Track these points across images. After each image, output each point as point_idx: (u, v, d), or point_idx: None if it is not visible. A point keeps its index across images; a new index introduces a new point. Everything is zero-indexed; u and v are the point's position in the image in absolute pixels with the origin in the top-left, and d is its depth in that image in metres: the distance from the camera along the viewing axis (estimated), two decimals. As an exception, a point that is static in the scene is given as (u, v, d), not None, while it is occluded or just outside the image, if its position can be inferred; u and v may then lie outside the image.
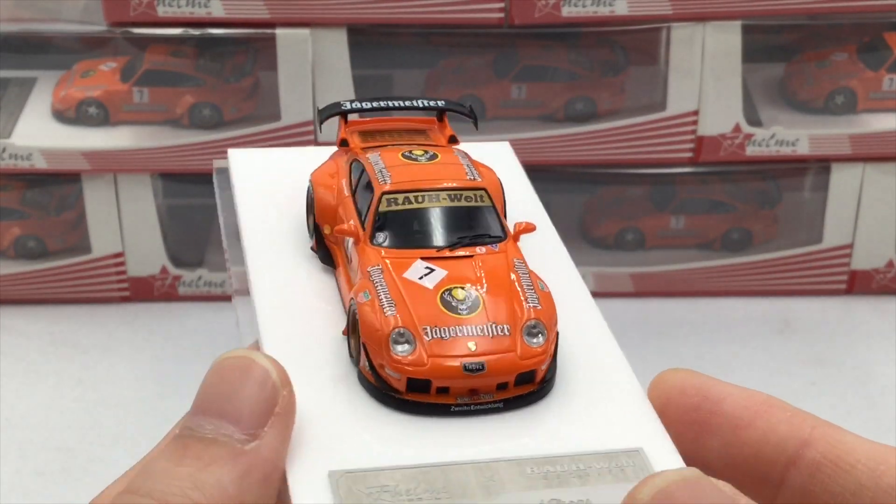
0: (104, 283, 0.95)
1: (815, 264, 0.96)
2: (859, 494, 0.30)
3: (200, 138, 0.91)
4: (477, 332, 0.31)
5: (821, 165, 0.94)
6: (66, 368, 0.87)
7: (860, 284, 0.96)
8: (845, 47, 0.95)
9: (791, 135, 0.92)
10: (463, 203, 0.34)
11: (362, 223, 0.35)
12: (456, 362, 0.31)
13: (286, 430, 0.30)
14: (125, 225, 0.93)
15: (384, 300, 0.32)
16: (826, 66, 0.95)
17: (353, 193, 0.37)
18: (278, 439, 0.30)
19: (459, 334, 0.31)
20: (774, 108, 0.95)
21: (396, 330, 0.31)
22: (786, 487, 0.31)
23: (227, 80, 0.92)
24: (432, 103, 0.39)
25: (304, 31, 0.87)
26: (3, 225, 0.94)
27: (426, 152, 0.37)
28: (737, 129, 0.91)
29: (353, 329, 0.33)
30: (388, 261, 0.33)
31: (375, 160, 0.36)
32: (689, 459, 0.31)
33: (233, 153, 0.47)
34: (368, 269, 0.33)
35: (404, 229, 0.34)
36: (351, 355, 0.33)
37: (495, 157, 0.42)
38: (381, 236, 0.34)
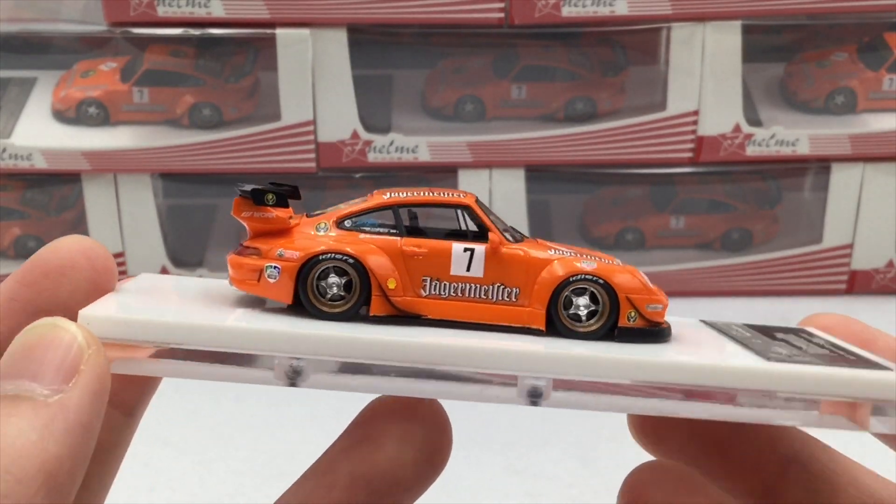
0: (104, 283, 0.95)
1: (815, 264, 0.96)
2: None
3: (200, 138, 0.91)
4: None
5: (821, 165, 0.94)
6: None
7: (860, 284, 0.96)
8: (845, 47, 0.95)
9: (791, 135, 0.92)
10: None
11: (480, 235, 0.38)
12: None
13: (95, 385, 0.30)
14: (125, 225, 0.94)
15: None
16: (826, 66, 0.95)
17: (418, 232, 0.38)
18: (84, 393, 0.30)
19: None
20: (774, 108, 0.95)
21: None
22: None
23: (227, 80, 0.92)
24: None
25: (304, 31, 0.87)
26: (3, 225, 0.94)
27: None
28: (737, 129, 0.91)
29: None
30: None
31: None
32: None
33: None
34: (549, 251, 0.38)
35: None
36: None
37: None
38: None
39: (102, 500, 0.35)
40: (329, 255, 0.37)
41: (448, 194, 0.38)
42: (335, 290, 0.36)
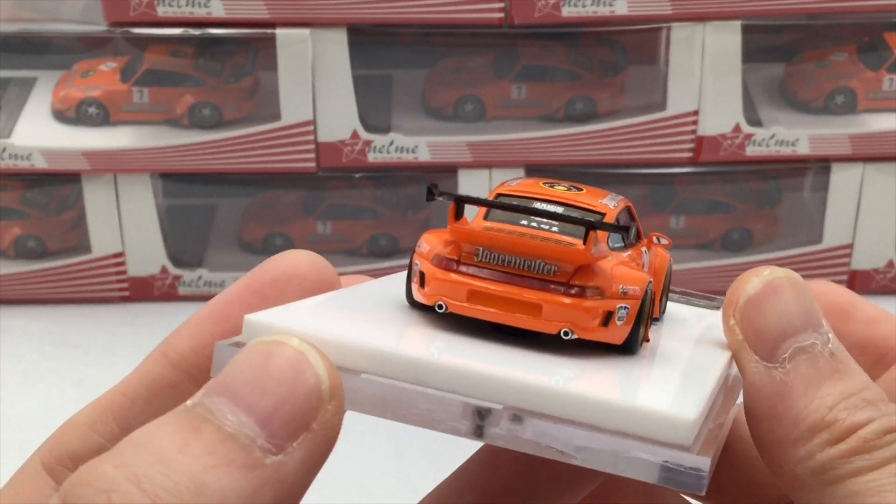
0: (104, 283, 0.95)
1: (815, 264, 0.96)
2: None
3: (200, 138, 0.91)
4: None
5: (821, 165, 0.94)
6: (66, 368, 0.87)
7: (860, 284, 0.96)
8: (845, 47, 0.95)
9: (791, 135, 0.92)
10: None
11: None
12: None
13: (319, 453, 0.25)
14: (125, 225, 0.94)
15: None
16: (826, 66, 0.95)
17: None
18: (305, 460, 0.24)
19: None
20: (774, 108, 0.95)
21: None
22: None
23: (227, 80, 0.92)
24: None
25: (304, 31, 0.87)
26: (3, 225, 0.94)
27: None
28: (737, 129, 0.91)
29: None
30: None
31: None
32: None
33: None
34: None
35: None
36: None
37: None
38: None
39: None
40: (649, 285, 0.32)
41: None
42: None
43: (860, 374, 0.30)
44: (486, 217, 0.32)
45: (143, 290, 0.96)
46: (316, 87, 0.90)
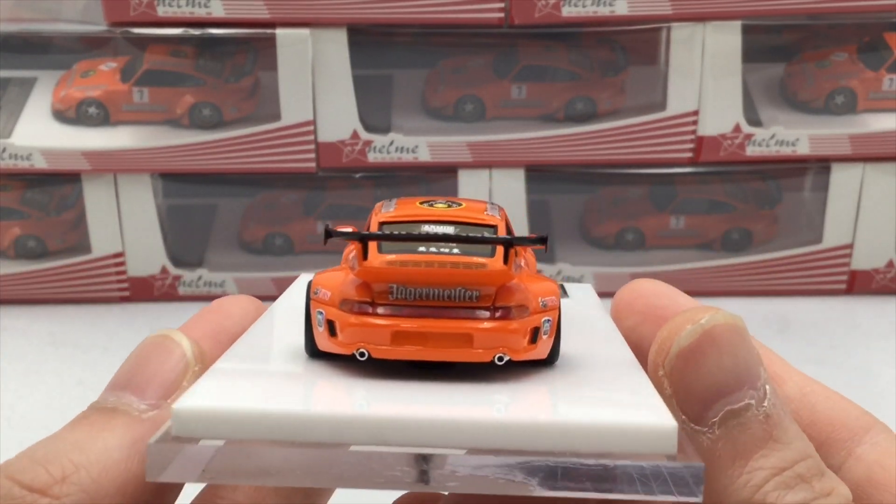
0: (104, 283, 0.95)
1: (815, 264, 0.96)
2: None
3: (200, 138, 0.91)
4: None
5: (821, 165, 0.94)
6: (66, 368, 0.87)
7: (860, 284, 0.96)
8: (845, 47, 0.95)
9: (791, 135, 0.92)
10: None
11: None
12: None
13: None
14: (125, 225, 0.94)
15: None
16: (826, 66, 0.95)
17: None
18: None
19: None
20: (774, 108, 0.95)
21: None
22: None
23: (227, 80, 0.92)
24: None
25: (304, 31, 0.87)
26: (3, 225, 0.94)
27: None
28: (737, 129, 0.91)
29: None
30: None
31: None
32: (644, 350, 0.33)
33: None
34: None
35: None
36: None
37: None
38: None
39: None
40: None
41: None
42: None
43: (797, 440, 0.27)
44: (379, 250, 0.30)
45: (143, 290, 0.96)
46: (316, 87, 0.90)
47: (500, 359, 0.29)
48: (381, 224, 0.31)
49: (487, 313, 0.29)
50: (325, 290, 0.30)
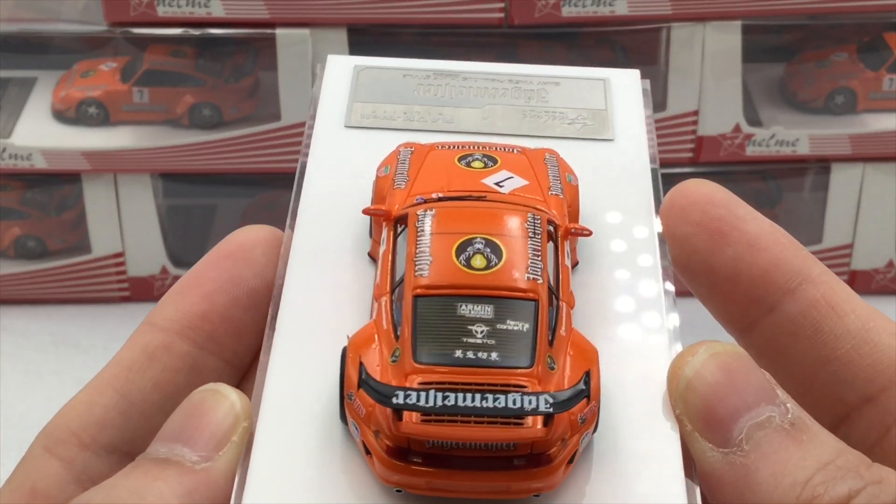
0: (104, 283, 0.95)
1: (815, 264, 0.96)
2: (842, 339, 0.31)
3: (200, 138, 0.91)
4: None
5: (821, 165, 0.94)
6: (66, 368, 0.87)
7: (860, 284, 0.96)
8: (845, 47, 0.95)
9: (791, 135, 0.92)
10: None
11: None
12: None
13: (240, 460, 0.30)
14: (125, 225, 0.94)
15: None
16: (826, 66, 0.95)
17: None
18: (232, 466, 0.29)
19: None
20: (774, 108, 0.95)
21: None
22: (777, 312, 0.32)
23: (227, 80, 0.92)
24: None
25: (304, 31, 0.87)
26: (3, 225, 0.94)
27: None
28: (737, 129, 0.91)
29: None
30: None
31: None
32: (699, 264, 0.33)
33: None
34: None
35: None
36: None
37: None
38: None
39: None
40: None
41: None
42: None
43: (830, 440, 0.27)
44: (414, 357, 0.28)
45: (143, 290, 0.96)
46: (316, 87, 0.90)
47: (537, 496, 0.28)
48: (415, 296, 0.29)
49: (524, 461, 0.28)
50: (360, 402, 0.29)
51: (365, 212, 0.33)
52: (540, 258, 0.30)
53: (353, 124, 0.38)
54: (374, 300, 0.31)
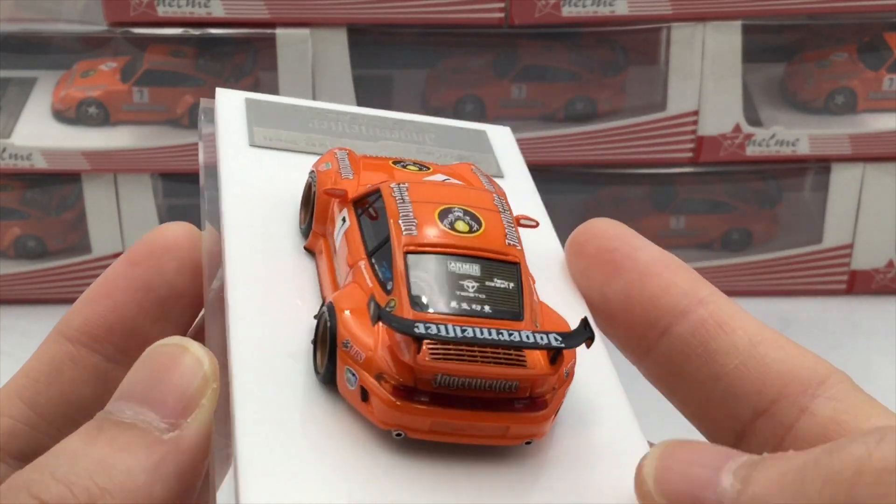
0: (104, 283, 0.95)
1: (815, 264, 0.96)
2: (731, 355, 0.31)
3: (200, 138, 0.91)
4: None
5: (821, 165, 0.94)
6: (66, 368, 0.87)
7: (860, 284, 0.96)
8: (845, 47, 0.95)
9: (791, 135, 0.92)
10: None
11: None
12: None
13: (210, 425, 0.28)
14: (125, 225, 0.94)
15: None
16: (826, 66, 0.95)
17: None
18: (200, 432, 0.28)
19: None
20: (774, 108, 0.95)
21: None
22: (670, 335, 0.33)
23: (227, 80, 0.92)
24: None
25: (304, 31, 0.87)
26: (3, 225, 0.94)
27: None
28: (737, 129, 0.91)
29: None
30: None
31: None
32: (596, 295, 0.34)
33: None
34: None
35: None
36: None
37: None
38: None
39: None
40: None
41: None
42: None
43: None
44: (412, 305, 0.29)
45: (143, 290, 0.96)
46: (316, 87, 0.90)
47: (528, 443, 0.29)
48: (406, 252, 0.30)
49: (524, 403, 0.29)
50: (358, 348, 0.29)
51: (326, 192, 0.33)
52: (514, 229, 0.31)
53: (258, 144, 0.39)
54: (349, 267, 0.31)
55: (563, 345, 0.28)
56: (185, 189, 0.97)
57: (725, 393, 0.32)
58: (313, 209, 0.34)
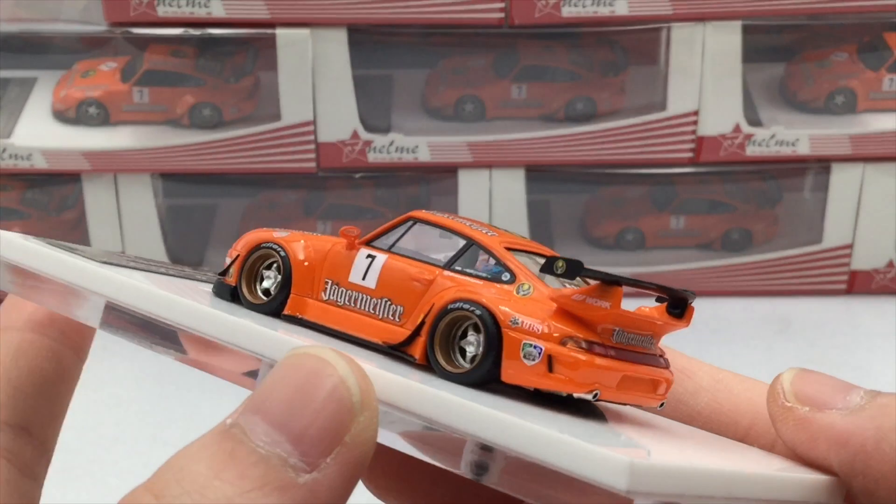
0: (104, 283, 0.95)
1: (815, 264, 0.96)
2: (699, 395, 0.33)
3: (200, 138, 0.91)
4: None
5: (821, 165, 0.94)
6: (66, 368, 0.87)
7: (860, 284, 0.96)
8: (845, 47, 0.95)
9: (791, 135, 0.92)
10: None
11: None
12: None
13: (353, 468, 0.25)
14: (125, 225, 0.94)
15: None
16: (826, 66, 0.95)
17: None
18: (339, 476, 0.24)
19: None
20: (774, 108, 0.95)
21: None
22: None
23: (227, 80, 0.92)
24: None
25: (304, 31, 0.87)
26: (3, 225, 0.94)
27: None
28: (737, 129, 0.91)
29: None
30: None
31: None
32: None
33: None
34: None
35: None
36: None
37: None
38: None
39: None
40: None
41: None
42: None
43: None
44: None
45: (143, 290, 0.95)
46: (316, 87, 0.90)
47: (662, 405, 0.32)
48: (507, 248, 0.32)
49: (664, 360, 0.32)
50: (532, 319, 0.29)
51: (344, 232, 0.34)
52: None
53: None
54: (423, 285, 0.32)
55: (694, 295, 0.31)
56: (185, 189, 0.96)
57: (703, 429, 0.33)
58: (288, 279, 0.34)
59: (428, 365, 0.31)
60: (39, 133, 0.91)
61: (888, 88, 0.93)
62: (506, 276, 0.31)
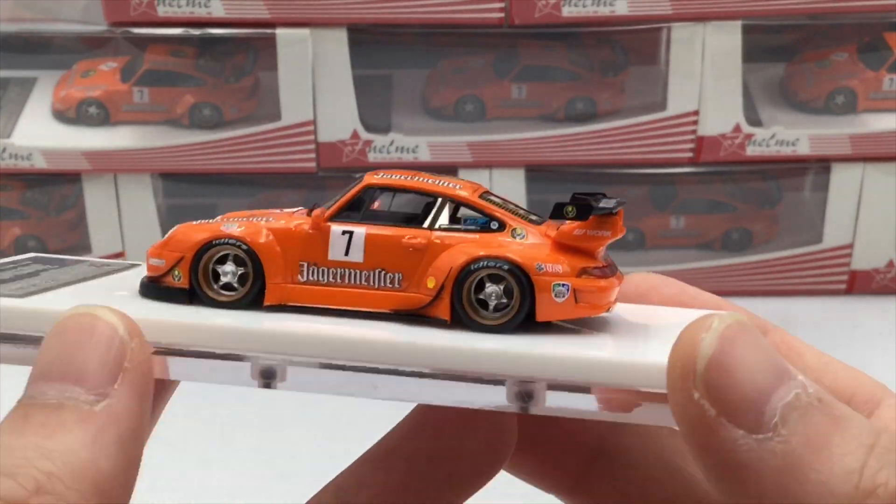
0: (104, 283, 0.95)
1: (815, 264, 0.96)
2: (806, 373, 0.31)
3: (200, 138, 0.91)
4: None
5: (821, 165, 0.94)
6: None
7: (860, 284, 0.96)
8: (845, 47, 0.95)
9: (791, 135, 0.92)
10: None
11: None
12: None
13: (141, 385, 0.28)
14: (125, 225, 0.94)
15: None
16: (826, 66, 0.95)
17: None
18: (131, 395, 0.27)
19: None
20: (774, 108, 0.95)
21: None
22: (601, 460, 0.37)
23: (227, 80, 0.92)
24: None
25: (304, 31, 0.87)
26: (3, 225, 0.94)
27: None
28: (737, 129, 0.91)
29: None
30: None
31: None
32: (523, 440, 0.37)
33: None
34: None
35: None
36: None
37: None
38: None
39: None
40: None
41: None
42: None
43: (858, 417, 0.26)
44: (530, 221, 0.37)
45: (143, 290, 0.96)
46: (316, 87, 0.90)
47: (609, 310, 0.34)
48: (481, 196, 0.37)
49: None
50: (552, 264, 0.33)
51: (313, 211, 0.35)
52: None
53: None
54: (419, 251, 0.34)
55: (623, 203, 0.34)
56: (185, 189, 0.97)
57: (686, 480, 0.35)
58: (259, 271, 0.34)
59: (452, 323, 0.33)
60: (39, 133, 0.91)
61: (888, 88, 0.93)
62: (494, 225, 0.35)
